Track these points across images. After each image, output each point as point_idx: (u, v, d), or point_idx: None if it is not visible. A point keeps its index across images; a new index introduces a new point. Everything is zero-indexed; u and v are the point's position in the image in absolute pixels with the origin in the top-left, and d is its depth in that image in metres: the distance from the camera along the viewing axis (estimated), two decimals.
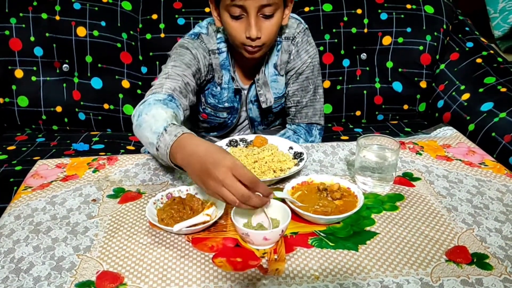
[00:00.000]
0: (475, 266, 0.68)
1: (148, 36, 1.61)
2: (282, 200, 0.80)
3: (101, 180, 0.94)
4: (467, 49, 1.64)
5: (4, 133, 1.62)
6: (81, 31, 1.57)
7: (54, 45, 1.57)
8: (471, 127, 1.42)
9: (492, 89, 1.46)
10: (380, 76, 1.69)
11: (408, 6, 1.67)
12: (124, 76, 1.62)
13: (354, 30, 1.64)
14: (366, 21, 1.65)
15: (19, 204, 0.85)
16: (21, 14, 1.56)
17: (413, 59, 1.65)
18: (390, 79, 1.68)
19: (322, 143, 1.10)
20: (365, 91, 1.69)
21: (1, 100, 1.59)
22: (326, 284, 0.65)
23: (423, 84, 1.67)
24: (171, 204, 0.79)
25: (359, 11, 1.65)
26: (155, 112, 0.86)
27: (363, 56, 1.68)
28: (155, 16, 1.62)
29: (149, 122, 0.85)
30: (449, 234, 0.76)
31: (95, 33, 1.57)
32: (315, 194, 0.84)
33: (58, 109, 1.61)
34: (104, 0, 1.61)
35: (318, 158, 1.03)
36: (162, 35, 1.61)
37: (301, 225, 0.78)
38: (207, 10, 1.64)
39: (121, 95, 1.63)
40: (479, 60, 1.58)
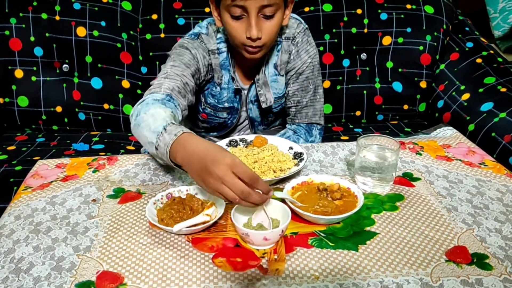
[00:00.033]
0: (475, 266, 0.68)
1: (148, 36, 1.61)
2: (282, 200, 0.80)
3: (101, 180, 0.94)
4: (467, 49, 1.64)
5: (4, 133, 1.63)
6: (81, 31, 1.57)
7: (54, 45, 1.57)
8: (471, 127, 1.42)
9: (492, 89, 1.46)
10: (380, 76, 1.69)
11: (408, 6, 1.67)
12: (124, 76, 1.62)
13: (354, 30, 1.64)
14: (366, 21, 1.65)
15: (19, 204, 0.85)
16: (21, 14, 1.56)
17: (413, 59, 1.66)
18: (390, 79, 1.68)
19: (322, 143, 1.10)
20: (365, 91, 1.69)
21: (1, 100, 1.59)
22: (326, 284, 0.65)
23: (423, 84, 1.67)
24: (171, 204, 0.79)
25: (359, 11, 1.65)
26: (154, 112, 0.86)
27: (363, 56, 1.68)
28: (155, 16, 1.62)
29: (148, 121, 0.85)
30: (449, 234, 0.76)
31: (95, 33, 1.58)
32: (315, 194, 0.84)
33: (58, 109, 1.61)
34: (104, 0, 1.61)
35: (318, 158, 1.03)
36: (162, 35, 1.61)
37: (301, 225, 0.78)
38: (207, 10, 1.64)
39: (121, 95, 1.63)
40: (479, 60, 1.58)
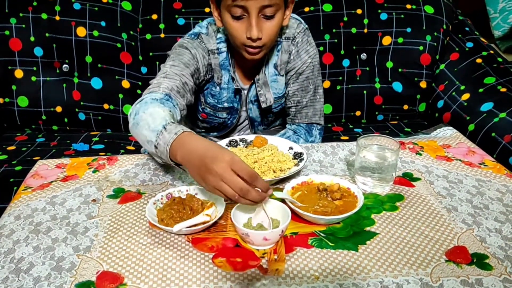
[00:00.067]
0: (475, 266, 0.68)
1: (148, 36, 1.61)
2: (282, 200, 0.80)
3: (101, 180, 0.94)
4: (467, 49, 1.64)
5: (4, 133, 1.62)
6: (81, 31, 1.57)
7: (54, 45, 1.57)
8: (471, 127, 1.42)
9: (492, 89, 1.46)
10: (380, 76, 1.68)
11: (408, 6, 1.67)
12: (124, 76, 1.62)
13: (354, 30, 1.64)
14: (366, 21, 1.65)
15: (19, 204, 0.85)
16: (21, 14, 1.56)
17: (413, 59, 1.65)
18: (390, 79, 1.68)
19: (322, 143, 1.10)
20: (365, 91, 1.69)
21: (1, 100, 1.59)
22: (326, 284, 0.65)
23: (423, 84, 1.67)
24: (171, 205, 0.79)
25: (359, 11, 1.65)
26: (153, 111, 0.86)
27: (363, 56, 1.68)
28: (155, 16, 1.62)
29: (147, 120, 0.84)
30: (449, 234, 0.76)
31: (95, 33, 1.58)
32: (315, 194, 0.84)
33: (58, 109, 1.61)
34: (104, 0, 1.61)
35: (318, 158, 1.03)
36: (162, 35, 1.61)
37: (301, 225, 0.78)
38: (207, 10, 1.64)
39: (121, 95, 1.63)
40: (479, 60, 1.58)
